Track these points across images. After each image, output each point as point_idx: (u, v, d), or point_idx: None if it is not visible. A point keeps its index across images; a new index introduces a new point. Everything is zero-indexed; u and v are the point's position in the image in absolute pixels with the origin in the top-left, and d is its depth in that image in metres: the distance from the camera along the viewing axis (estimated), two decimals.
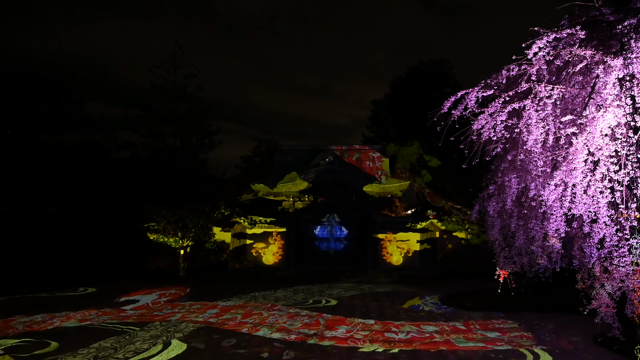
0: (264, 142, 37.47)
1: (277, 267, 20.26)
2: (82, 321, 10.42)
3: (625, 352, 7.27)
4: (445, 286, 16.03)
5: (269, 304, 12.56)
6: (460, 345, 8.52)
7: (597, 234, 5.68)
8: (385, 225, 20.76)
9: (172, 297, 13.53)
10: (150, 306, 12.25)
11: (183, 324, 10.24)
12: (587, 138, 5.83)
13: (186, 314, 11.21)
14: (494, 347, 8.33)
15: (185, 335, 9.25)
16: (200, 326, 10.05)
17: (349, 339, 9.02)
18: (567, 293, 12.64)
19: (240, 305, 12.42)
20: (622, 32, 6.25)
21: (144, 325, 10.08)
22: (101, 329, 9.76)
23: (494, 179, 8.04)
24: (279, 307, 12.15)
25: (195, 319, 10.73)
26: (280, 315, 11.18)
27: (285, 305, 12.48)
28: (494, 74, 7.35)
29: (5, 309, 11.72)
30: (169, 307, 12.09)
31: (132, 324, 10.22)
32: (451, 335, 9.31)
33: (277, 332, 9.50)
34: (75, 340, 8.80)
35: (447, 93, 7.55)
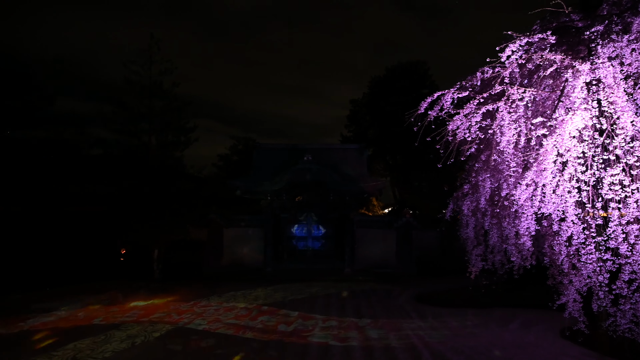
0: (242, 141, 37.27)
1: (255, 266, 20.17)
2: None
3: (589, 344, 7.57)
4: (421, 284, 16.29)
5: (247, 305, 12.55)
6: (432, 339, 8.71)
7: (565, 232, 5.92)
8: (362, 224, 20.94)
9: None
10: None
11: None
12: (557, 140, 6.04)
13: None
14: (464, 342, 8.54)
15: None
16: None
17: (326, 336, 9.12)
18: (536, 289, 13.08)
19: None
20: (589, 38, 6.50)
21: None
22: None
23: (468, 179, 8.25)
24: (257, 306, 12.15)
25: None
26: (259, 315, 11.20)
27: (264, 304, 12.49)
28: (469, 76, 7.54)
29: None
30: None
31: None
32: (424, 331, 9.49)
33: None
34: None
35: (424, 94, 7.71)
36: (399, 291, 14.83)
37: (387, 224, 20.78)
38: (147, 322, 10.35)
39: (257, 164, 22.90)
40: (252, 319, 10.72)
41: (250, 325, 10.08)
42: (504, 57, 6.68)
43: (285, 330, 9.58)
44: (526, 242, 6.52)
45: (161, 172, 22.85)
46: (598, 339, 5.96)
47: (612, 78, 5.95)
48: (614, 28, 6.30)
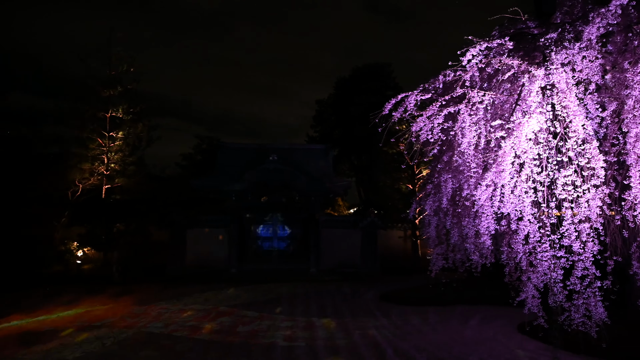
0: (206, 140, 36.61)
1: (219, 268, 19.87)
2: None
3: (545, 339, 7.90)
4: (385, 283, 16.53)
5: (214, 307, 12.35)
6: (396, 337, 8.85)
7: (522, 231, 6.15)
8: (328, 224, 21.04)
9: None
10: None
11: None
12: (514, 142, 6.27)
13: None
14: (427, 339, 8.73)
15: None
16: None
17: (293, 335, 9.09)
18: (494, 287, 13.54)
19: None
20: (544, 45, 6.78)
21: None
22: None
23: (431, 179, 8.42)
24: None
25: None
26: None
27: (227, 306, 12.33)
28: (432, 79, 7.69)
29: None
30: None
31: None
32: (387, 329, 9.64)
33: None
34: None
35: (388, 95, 7.80)
36: (364, 290, 14.99)
37: (353, 224, 20.97)
38: (100, 326, 9.98)
39: (222, 163, 22.59)
40: (211, 319, 10.56)
41: (207, 327, 9.92)
42: (465, 61, 6.84)
43: (244, 331, 9.49)
44: (486, 241, 6.73)
45: (121, 171, 22.17)
46: (553, 333, 6.24)
47: (565, 83, 6.22)
48: (567, 36, 6.59)
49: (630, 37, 6.51)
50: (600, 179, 5.64)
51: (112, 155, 21.86)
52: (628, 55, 6.42)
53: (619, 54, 6.77)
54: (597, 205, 5.67)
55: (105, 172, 21.63)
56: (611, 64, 6.82)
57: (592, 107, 6.55)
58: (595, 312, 5.75)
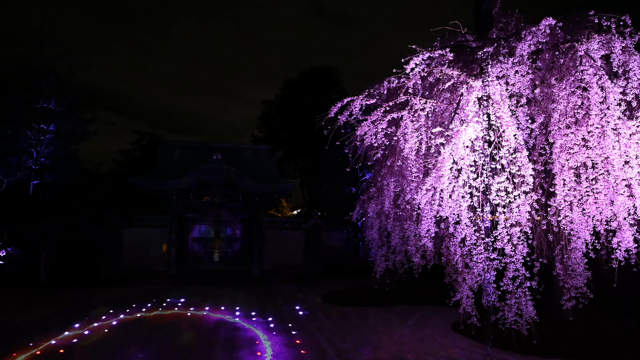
0: (146, 136, 35.18)
1: (158, 269, 19.15)
2: None
3: (478, 337, 8.34)
4: (328, 284, 16.68)
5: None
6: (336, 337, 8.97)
7: (459, 234, 6.48)
8: (271, 225, 20.95)
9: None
10: None
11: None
12: (452, 148, 6.57)
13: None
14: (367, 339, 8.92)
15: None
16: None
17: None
18: (432, 287, 14.10)
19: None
20: (481, 58, 7.17)
21: None
22: None
23: (374, 182, 8.64)
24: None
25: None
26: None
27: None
28: (377, 85, 7.91)
29: None
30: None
31: None
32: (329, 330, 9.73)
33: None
34: None
35: (334, 99, 7.92)
36: (306, 291, 15.04)
37: (296, 225, 21.02)
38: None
39: (163, 161, 21.81)
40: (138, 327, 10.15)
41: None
42: (409, 69, 7.08)
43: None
44: (427, 243, 7.01)
45: (52, 166, 20.77)
46: (487, 331, 6.59)
47: (500, 95, 6.62)
48: (502, 50, 7.01)
49: (557, 55, 7.06)
50: (529, 186, 6.07)
51: (42, 148, 20.42)
52: (555, 72, 6.96)
53: (547, 70, 7.32)
54: (527, 210, 6.09)
55: (34, 167, 20.16)
56: (540, 79, 7.36)
57: (523, 118, 7.04)
58: (526, 310, 6.19)
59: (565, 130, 6.34)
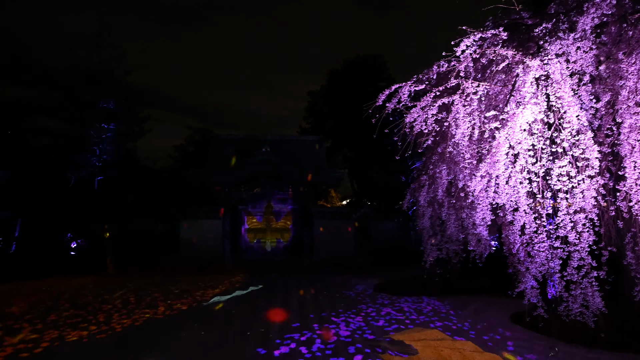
0: (198, 132, 36.41)
1: (212, 259, 19.84)
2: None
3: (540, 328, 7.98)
4: (379, 274, 16.59)
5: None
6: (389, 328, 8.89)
7: (518, 222, 6.19)
8: (321, 216, 21.05)
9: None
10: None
11: None
12: (508, 132, 6.26)
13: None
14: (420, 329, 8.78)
15: None
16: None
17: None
18: (486, 277, 13.64)
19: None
20: (538, 35, 6.76)
21: None
22: None
23: (425, 170, 8.42)
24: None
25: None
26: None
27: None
28: (426, 70, 7.67)
29: None
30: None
31: None
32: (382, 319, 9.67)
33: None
34: None
35: (381, 87, 7.76)
36: (357, 281, 15.03)
37: (346, 215, 21.00)
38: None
39: (214, 155, 22.46)
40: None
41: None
42: (459, 52, 6.81)
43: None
44: (482, 231, 6.76)
45: (113, 162, 22.02)
46: (549, 323, 6.29)
47: (560, 74, 6.21)
48: (561, 26, 6.57)
49: (625, 27, 6.51)
50: (595, 170, 5.67)
51: (104, 146, 21.68)
52: (622, 45, 6.43)
53: (613, 44, 6.78)
54: (592, 195, 5.70)
55: (97, 164, 21.46)
56: (605, 54, 6.83)
57: (586, 98, 6.56)
58: (593, 302, 5.82)
59: (635, 108, 5.86)
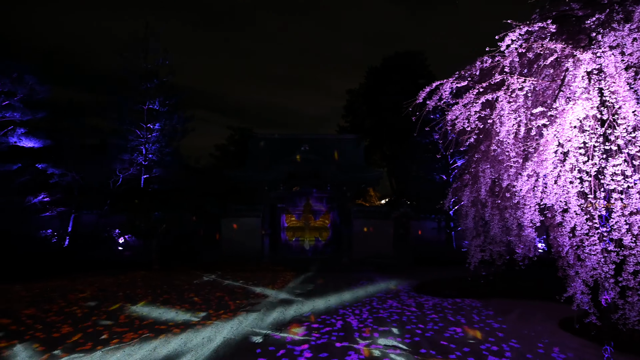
0: (238, 131, 37.11)
1: (252, 255, 20.18)
2: None
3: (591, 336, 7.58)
4: (418, 274, 16.31)
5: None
6: (430, 330, 8.71)
7: (568, 223, 5.88)
8: (360, 214, 20.94)
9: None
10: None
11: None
12: (557, 130, 5.98)
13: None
14: (462, 333, 8.55)
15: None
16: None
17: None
18: (532, 281, 13.12)
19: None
20: (590, 27, 6.42)
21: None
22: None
23: (468, 169, 8.19)
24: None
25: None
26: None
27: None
28: (468, 66, 7.45)
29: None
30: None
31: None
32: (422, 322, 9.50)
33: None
34: None
35: (421, 84, 7.60)
36: (396, 281, 14.85)
37: (385, 214, 20.79)
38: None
39: (254, 153, 22.82)
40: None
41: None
42: (504, 46, 6.57)
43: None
44: (530, 233, 6.48)
45: (158, 161, 22.83)
46: (601, 331, 5.94)
47: (614, 67, 5.87)
48: (615, 17, 6.21)
49: None
50: None
51: (149, 146, 22.52)
52: None
53: None
54: None
55: (143, 163, 22.33)
56: None
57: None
58: None
59: None
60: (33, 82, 19.15)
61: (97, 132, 23.26)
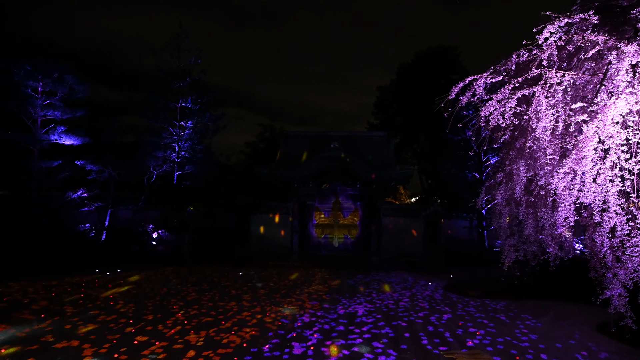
0: (268, 128, 37.45)
1: (281, 252, 20.35)
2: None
3: (629, 340, 7.27)
4: (450, 273, 16.05)
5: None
6: (463, 330, 8.55)
7: (607, 223, 5.61)
8: (389, 212, 20.75)
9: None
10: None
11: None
12: (598, 126, 5.72)
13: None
14: (496, 334, 8.35)
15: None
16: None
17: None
18: (568, 282, 12.68)
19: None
20: (636, 18, 6.11)
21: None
22: None
23: (502, 167, 7.95)
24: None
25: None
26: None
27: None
28: (503, 60, 7.22)
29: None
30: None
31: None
32: (454, 322, 9.34)
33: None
34: None
35: (454, 80, 7.44)
36: (427, 280, 14.66)
37: (415, 212, 20.53)
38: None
39: (284, 151, 22.95)
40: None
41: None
42: (542, 39, 6.33)
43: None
44: (564, 233, 6.24)
45: (190, 158, 23.33)
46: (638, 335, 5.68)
47: None
48: None
49: None
50: None
51: (182, 143, 23.03)
52: None
53: None
54: None
55: (176, 160, 22.85)
56: None
57: None
58: None
59: None
60: (72, 82, 19.90)
61: (132, 130, 23.94)
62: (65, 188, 20.10)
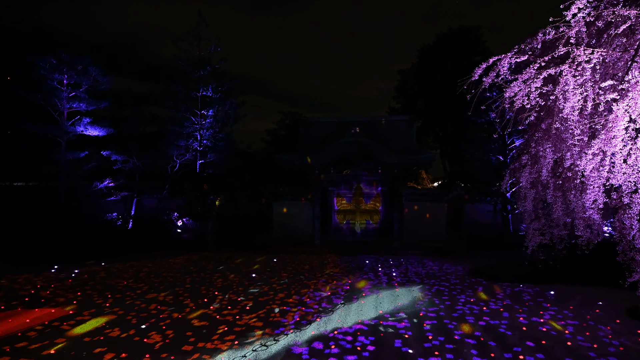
0: (289, 115, 37.47)
1: (303, 238, 20.49)
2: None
3: None
4: (473, 258, 15.89)
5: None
6: (487, 316, 8.49)
7: (637, 205, 5.45)
8: (411, 197, 20.60)
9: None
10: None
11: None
12: (629, 104, 5.51)
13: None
14: (522, 319, 8.26)
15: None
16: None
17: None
18: (596, 266, 12.40)
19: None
20: None
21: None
22: None
23: (527, 149, 7.77)
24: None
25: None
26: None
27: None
28: (529, 39, 6.99)
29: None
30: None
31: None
32: (478, 307, 9.27)
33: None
34: None
35: (477, 61, 7.24)
36: (450, 265, 14.56)
37: (437, 197, 20.32)
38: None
39: (304, 137, 22.96)
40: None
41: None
42: (569, 16, 6.10)
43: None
44: (593, 215, 6.08)
45: (212, 147, 23.59)
46: None
47: None
48: None
49: None
50: None
51: (204, 132, 23.29)
52: None
53: None
54: None
55: (198, 148, 23.15)
56: None
57: None
58: None
59: None
60: (96, 74, 20.26)
61: (154, 120, 24.32)
62: (92, 178, 20.64)
